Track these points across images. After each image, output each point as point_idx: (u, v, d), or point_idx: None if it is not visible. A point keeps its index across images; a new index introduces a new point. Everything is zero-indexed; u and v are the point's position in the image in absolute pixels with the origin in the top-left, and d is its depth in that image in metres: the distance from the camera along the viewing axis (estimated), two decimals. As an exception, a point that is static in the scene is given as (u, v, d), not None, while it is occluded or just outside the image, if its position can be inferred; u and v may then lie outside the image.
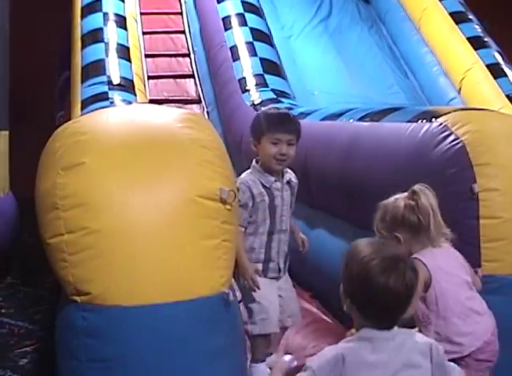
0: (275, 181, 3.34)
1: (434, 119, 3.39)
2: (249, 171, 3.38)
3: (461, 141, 3.15)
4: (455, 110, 3.46)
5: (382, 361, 2.17)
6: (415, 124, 3.53)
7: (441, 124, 3.30)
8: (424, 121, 3.47)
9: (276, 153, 3.28)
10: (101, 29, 6.40)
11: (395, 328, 2.22)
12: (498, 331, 2.91)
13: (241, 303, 3.22)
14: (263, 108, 5.80)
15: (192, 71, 7.31)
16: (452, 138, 3.19)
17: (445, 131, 3.25)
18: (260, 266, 3.32)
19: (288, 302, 3.42)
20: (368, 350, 2.18)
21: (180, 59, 7.44)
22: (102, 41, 6.26)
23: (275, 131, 3.29)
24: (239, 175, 3.32)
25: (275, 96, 6.04)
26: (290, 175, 3.44)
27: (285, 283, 3.44)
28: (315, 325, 4.08)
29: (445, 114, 3.38)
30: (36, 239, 2.69)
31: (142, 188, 2.49)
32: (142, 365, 2.44)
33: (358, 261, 2.19)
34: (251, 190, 3.29)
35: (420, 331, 2.61)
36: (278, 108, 3.79)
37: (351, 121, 4.38)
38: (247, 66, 6.41)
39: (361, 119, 4.27)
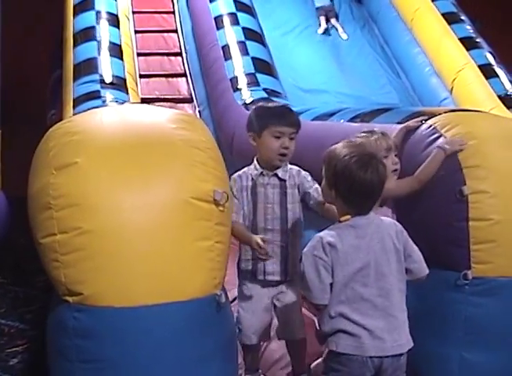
0: (262, 174, 3.22)
1: (423, 120, 3.40)
2: (241, 171, 3.31)
3: (451, 143, 3.15)
4: (445, 112, 3.47)
5: (364, 245, 2.66)
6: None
7: (430, 126, 3.32)
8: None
9: (279, 147, 3.17)
10: (93, 27, 6.37)
11: (371, 213, 2.71)
12: (488, 334, 2.94)
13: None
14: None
15: (184, 70, 7.30)
16: (441, 140, 3.20)
17: (434, 134, 3.26)
18: (249, 266, 3.23)
19: (285, 316, 3.26)
20: (351, 234, 2.67)
21: (172, 58, 7.43)
22: (94, 39, 6.23)
23: (278, 123, 3.17)
24: (232, 174, 3.28)
25: (266, 95, 6.03)
26: (284, 171, 3.24)
27: (285, 295, 3.25)
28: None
29: (435, 116, 3.39)
30: (27, 239, 2.69)
31: (135, 189, 2.50)
32: (134, 366, 2.45)
33: (341, 159, 2.68)
34: (241, 181, 3.23)
35: None
36: (274, 102, 3.68)
37: (342, 121, 4.39)
38: (239, 66, 6.41)
39: (352, 119, 4.28)
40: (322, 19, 8.10)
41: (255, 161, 3.27)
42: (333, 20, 8.14)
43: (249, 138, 3.28)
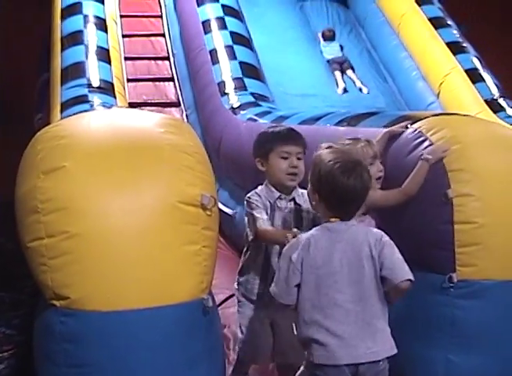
0: (279, 198, 3.19)
1: (409, 125, 3.43)
2: (257, 189, 3.22)
3: (436, 147, 3.18)
4: (430, 116, 3.49)
5: (338, 249, 2.64)
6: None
7: (415, 130, 3.33)
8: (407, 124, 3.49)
9: (288, 167, 3.15)
10: (81, 31, 6.38)
11: (352, 220, 2.71)
12: (473, 336, 2.96)
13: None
14: (242, 112, 5.84)
15: (172, 74, 7.31)
16: (426, 143, 3.21)
17: (419, 137, 3.27)
18: (255, 290, 3.19)
19: (281, 339, 3.23)
20: (326, 237, 2.67)
21: (159, 62, 7.44)
22: (82, 43, 6.24)
23: (283, 144, 3.16)
24: (218, 178, 3.26)
25: (254, 100, 6.06)
26: (298, 195, 3.22)
27: (282, 318, 3.20)
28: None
29: (420, 120, 3.41)
30: (15, 243, 2.68)
31: (123, 193, 2.51)
32: (121, 370, 2.45)
33: (325, 164, 2.68)
34: (261, 199, 3.16)
35: None
36: (279, 126, 3.54)
37: (329, 125, 4.41)
38: (226, 70, 6.42)
39: (338, 123, 4.29)
40: (338, 74, 7.51)
41: (268, 185, 3.21)
42: (349, 72, 7.59)
43: (257, 164, 3.25)
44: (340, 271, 2.63)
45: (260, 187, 3.22)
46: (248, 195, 3.19)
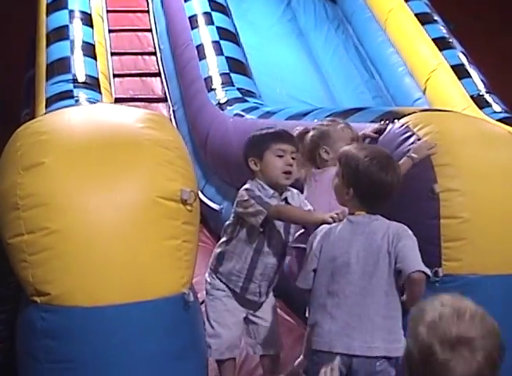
0: (273, 196, 3.14)
1: (396, 120, 3.42)
2: (249, 183, 3.18)
3: (422, 142, 3.17)
4: (417, 111, 3.49)
5: (358, 241, 2.72)
6: (377, 124, 3.55)
7: (403, 125, 3.33)
8: (387, 121, 3.49)
9: (284, 165, 3.13)
10: (66, 26, 6.37)
11: (377, 215, 2.79)
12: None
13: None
14: (229, 107, 5.82)
15: (159, 70, 7.29)
16: (413, 139, 3.21)
17: (406, 132, 3.27)
18: (240, 283, 3.17)
19: (261, 331, 3.25)
20: (347, 229, 2.75)
21: (146, 57, 7.42)
22: (67, 38, 6.22)
23: (279, 141, 3.16)
24: (205, 173, 3.24)
25: (241, 95, 6.04)
26: (289, 193, 3.20)
27: (263, 312, 3.25)
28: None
29: (407, 115, 3.41)
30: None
31: (103, 188, 2.49)
32: (102, 366, 2.43)
33: (362, 161, 2.75)
34: (257, 192, 3.11)
35: None
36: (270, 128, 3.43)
37: (316, 120, 4.40)
38: (213, 65, 6.40)
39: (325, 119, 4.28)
40: None
41: (261, 183, 3.16)
42: None
43: (249, 163, 3.21)
44: (356, 263, 2.71)
45: (249, 184, 3.17)
46: (246, 187, 3.14)
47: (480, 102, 6.56)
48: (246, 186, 3.17)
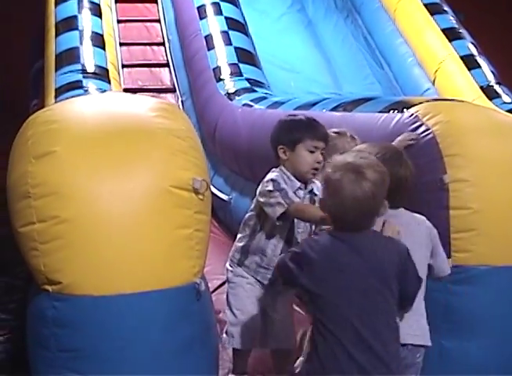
0: (299, 188, 3.11)
1: (405, 109, 3.41)
2: (275, 172, 3.12)
3: (431, 132, 3.16)
4: (426, 101, 3.48)
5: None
6: (386, 114, 3.54)
7: (412, 114, 3.32)
8: (396, 111, 3.48)
9: (313, 161, 3.07)
10: (75, 16, 6.36)
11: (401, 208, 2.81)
12: (467, 322, 2.95)
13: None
14: (237, 98, 5.81)
15: (167, 60, 7.29)
16: (422, 128, 3.20)
17: (416, 122, 3.26)
18: (268, 275, 3.13)
19: (275, 325, 3.20)
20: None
21: (155, 47, 7.42)
22: (76, 28, 6.22)
23: (314, 138, 3.08)
24: (214, 164, 3.22)
25: (249, 86, 6.03)
26: (314, 185, 3.16)
27: (282, 308, 3.22)
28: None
29: (416, 105, 3.40)
30: (9, 228, 2.67)
31: (114, 177, 2.49)
32: (112, 355, 2.44)
33: (382, 157, 2.68)
34: (283, 185, 3.05)
35: None
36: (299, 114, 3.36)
37: (324, 110, 4.39)
38: (222, 56, 6.39)
39: (334, 109, 4.28)
40: None
41: (287, 173, 3.12)
42: None
43: (279, 151, 3.13)
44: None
45: (275, 174, 3.11)
46: (272, 177, 3.07)
47: (489, 92, 6.53)
48: (271, 175, 3.10)
